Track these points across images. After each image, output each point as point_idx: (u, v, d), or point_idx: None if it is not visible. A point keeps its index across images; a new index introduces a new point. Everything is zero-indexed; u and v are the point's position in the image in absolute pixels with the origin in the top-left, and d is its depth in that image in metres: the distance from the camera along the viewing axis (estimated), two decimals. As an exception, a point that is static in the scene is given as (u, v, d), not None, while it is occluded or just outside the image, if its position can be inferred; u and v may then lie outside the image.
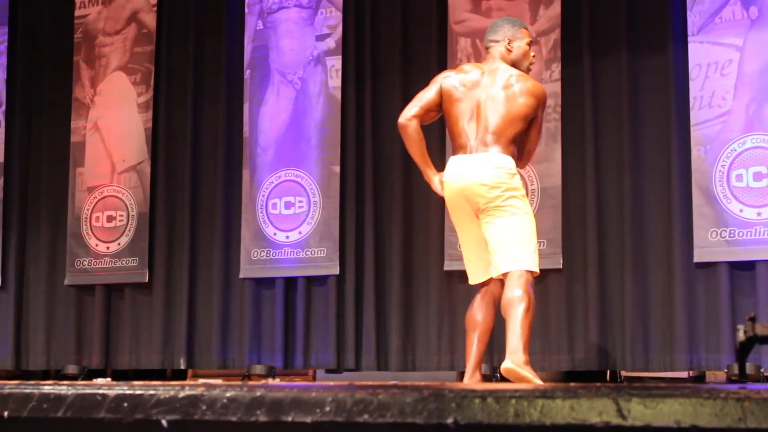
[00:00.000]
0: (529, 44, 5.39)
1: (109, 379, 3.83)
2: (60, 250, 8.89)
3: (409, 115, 5.31)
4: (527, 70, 5.35)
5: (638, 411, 1.46)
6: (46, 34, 9.28)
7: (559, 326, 7.29)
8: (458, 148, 5.08)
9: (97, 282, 8.68)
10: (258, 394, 1.65)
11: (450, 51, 7.79)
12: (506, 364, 4.55)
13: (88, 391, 1.77)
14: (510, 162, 4.94)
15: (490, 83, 5.07)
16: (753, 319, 1.93)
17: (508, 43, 5.25)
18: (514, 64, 5.24)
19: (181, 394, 1.71)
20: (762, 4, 7.04)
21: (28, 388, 1.82)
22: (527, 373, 4.52)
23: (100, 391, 1.77)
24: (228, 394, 1.67)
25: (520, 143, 5.18)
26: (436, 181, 5.26)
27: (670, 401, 1.45)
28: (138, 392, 1.75)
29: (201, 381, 3.55)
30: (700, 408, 1.43)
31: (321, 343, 7.96)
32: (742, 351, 1.88)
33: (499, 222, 4.87)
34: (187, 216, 8.50)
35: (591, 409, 1.47)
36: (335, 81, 8.16)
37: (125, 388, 1.74)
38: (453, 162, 5.05)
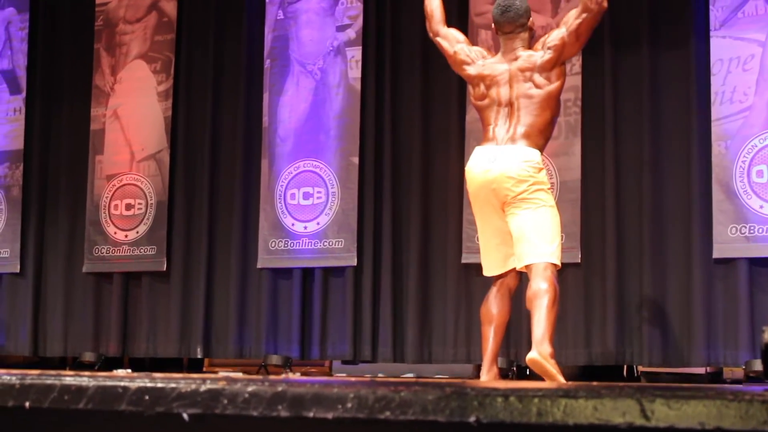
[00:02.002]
0: None
1: (129, 371, 3.85)
2: (78, 237, 8.92)
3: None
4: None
5: (662, 412, 1.45)
6: (67, 21, 9.30)
7: (576, 321, 7.28)
8: (486, 138, 5.04)
9: (115, 270, 8.71)
10: (279, 389, 1.64)
11: (471, 43, 7.75)
12: (532, 355, 4.54)
13: (109, 383, 1.77)
14: (537, 155, 4.92)
15: (519, 76, 5.00)
16: (778, 321, 1.92)
17: (531, 22, 5.16)
18: (531, 38, 5.17)
19: (203, 388, 1.71)
20: (785, 0, 7.00)
21: (50, 378, 1.83)
22: (551, 367, 4.51)
23: (122, 384, 1.77)
24: (249, 389, 1.67)
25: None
26: None
27: (694, 403, 1.44)
28: (159, 385, 1.75)
29: (222, 374, 3.55)
30: (725, 410, 1.42)
31: (337, 334, 7.97)
32: (767, 353, 1.87)
33: (525, 214, 4.85)
34: (205, 205, 8.51)
35: (614, 409, 1.46)
36: (355, 72, 8.15)
37: (146, 380, 1.74)
38: (479, 152, 5.02)
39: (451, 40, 5.27)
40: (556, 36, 4.97)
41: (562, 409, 1.48)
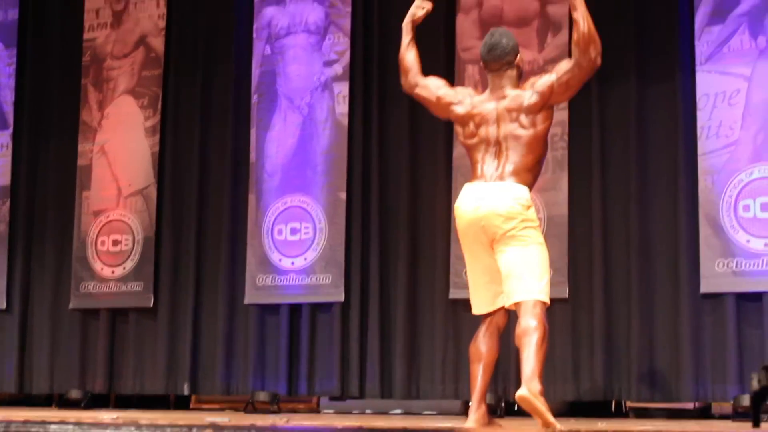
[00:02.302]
0: None
1: (115, 415, 3.78)
2: (65, 273, 8.88)
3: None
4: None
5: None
6: (55, 56, 9.30)
7: (564, 356, 7.26)
8: (475, 175, 5.03)
9: (101, 306, 8.67)
10: (266, 438, 1.63)
11: (457, 78, 7.78)
12: (522, 392, 4.51)
13: (94, 431, 1.75)
14: (526, 193, 4.90)
15: (505, 116, 4.99)
16: (767, 368, 1.90)
17: (520, 61, 5.13)
18: (519, 77, 5.15)
19: (188, 437, 1.69)
20: (770, 34, 7.03)
21: (34, 427, 1.81)
22: (541, 404, 4.48)
23: (107, 432, 1.75)
24: (236, 438, 1.65)
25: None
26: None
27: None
28: (144, 433, 1.73)
29: (208, 420, 3.51)
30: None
31: (325, 370, 7.93)
32: (756, 400, 1.85)
33: (513, 251, 4.83)
34: (192, 241, 8.49)
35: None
36: (342, 107, 8.16)
37: (132, 428, 1.73)
38: (468, 189, 5.01)
39: (431, 87, 5.25)
40: (545, 81, 4.96)
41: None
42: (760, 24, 7.06)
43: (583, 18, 4.90)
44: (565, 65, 4.97)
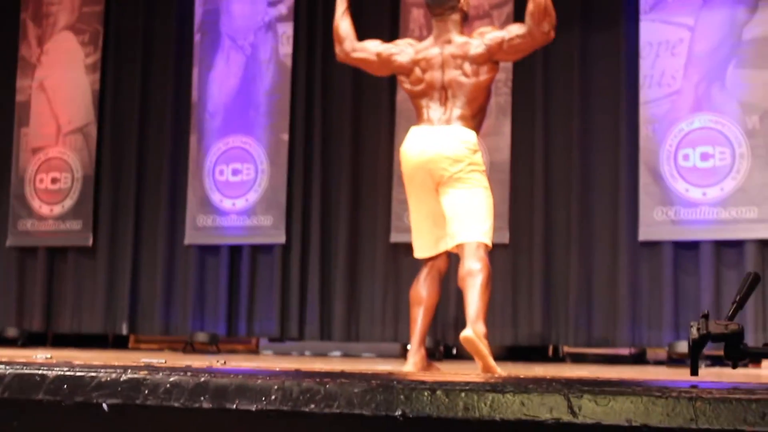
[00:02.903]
0: None
1: (48, 355, 3.76)
2: (2, 211, 8.78)
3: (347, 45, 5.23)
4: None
5: (589, 408, 1.44)
6: (-8, -10, 9.12)
7: (503, 301, 7.31)
8: (421, 120, 5.02)
9: (39, 244, 8.59)
10: (202, 380, 1.61)
11: (402, 20, 7.75)
12: (467, 333, 4.52)
13: (26, 371, 1.73)
14: (474, 137, 4.90)
15: (450, 62, 4.97)
16: (706, 317, 1.92)
17: (464, 4, 5.10)
18: (463, 20, 5.12)
19: (123, 378, 1.67)
20: (714, -16, 7.05)
21: (-35, 366, 1.78)
22: (484, 347, 4.50)
23: (40, 372, 1.73)
24: (171, 379, 1.64)
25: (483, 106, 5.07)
26: None
27: (621, 399, 1.44)
28: (78, 374, 1.71)
29: (143, 360, 3.49)
30: (651, 407, 1.42)
31: (265, 311, 7.93)
32: (695, 348, 1.87)
33: (459, 193, 4.83)
34: (132, 180, 8.42)
35: (542, 405, 1.45)
36: (286, 48, 8.09)
37: (65, 368, 1.70)
38: (415, 133, 4.99)
39: (368, 47, 5.23)
40: (495, 36, 4.94)
41: (488, 404, 1.46)
42: (704, -26, 7.08)
43: None
44: (518, 29, 4.96)
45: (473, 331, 4.55)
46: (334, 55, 7.87)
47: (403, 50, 5.15)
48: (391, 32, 7.60)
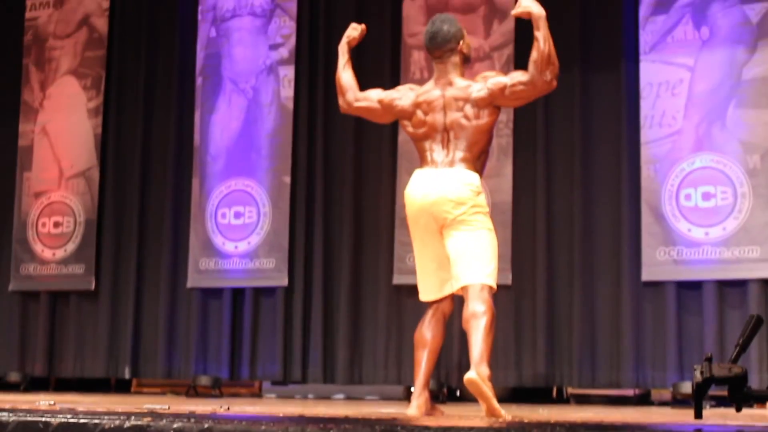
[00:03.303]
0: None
1: (51, 402, 3.74)
2: (5, 255, 8.79)
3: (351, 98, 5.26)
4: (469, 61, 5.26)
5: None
6: (-5, 35, 9.17)
7: (506, 342, 7.30)
8: (424, 163, 5.04)
9: (42, 288, 8.59)
10: (206, 426, 1.61)
11: (403, 63, 7.79)
12: (471, 375, 4.51)
13: (30, 418, 1.72)
14: (477, 179, 4.92)
15: (452, 105, 5.00)
16: (710, 360, 1.91)
17: (464, 47, 5.14)
18: (464, 62, 5.16)
19: (127, 425, 1.67)
20: (713, 25, 7.08)
21: (-31, 414, 1.77)
22: (488, 390, 4.49)
23: (43, 419, 1.72)
24: (175, 426, 1.64)
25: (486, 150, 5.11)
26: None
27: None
28: (82, 421, 1.70)
29: (146, 406, 3.48)
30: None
31: (268, 354, 7.91)
32: (699, 392, 1.86)
33: (462, 235, 4.84)
34: (135, 224, 8.43)
35: (545, 450, 1.45)
36: (288, 91, 8.12)
37: (69, 416, 1.70)
38: (419, 175, 5.01)
39: (370, 96, 5.27)
40: (498, 81, 4.97)
41: (492, 449, 1.46)
42: (703, 15, 7.12)
43: (544, 39, 4.90)
44: (520, 76, 4.98)
45: (477, 374, 4.53)
46: (335, 97, 7.95)
47: (404, 95, 5.18)
48: (391, 75, 7.65)
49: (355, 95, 5.27)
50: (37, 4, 9.03)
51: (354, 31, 5.38)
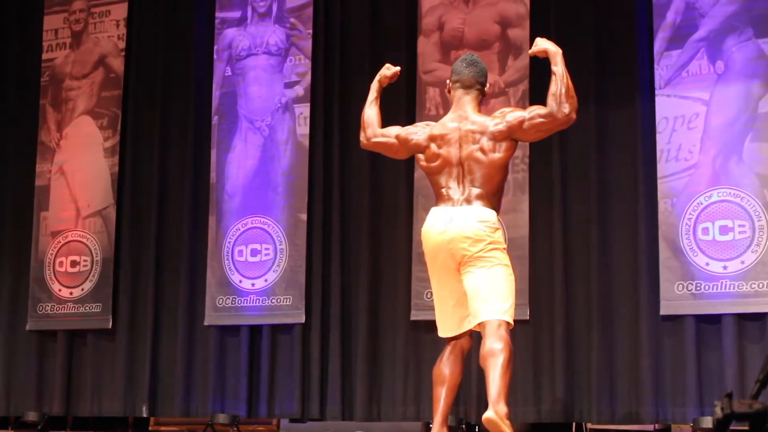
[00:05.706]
0: None
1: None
2: (22, 294, 8.79)
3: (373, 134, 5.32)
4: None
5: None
6: (13, 76, 9.23)
7: (525, 378, 7.27)
8: (441, 200, 5.06)
9: (59, 327, 8.59)
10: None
11: (419, 100, 7.80)
12: (489, 414, 4.51)
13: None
14: (494, 216, 4.94)
15: (468, 138, 5.03)
16: (730, 396, 1.90)
17: (488, 87, 5.25)
18: (480, 102, 5.22)
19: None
20: (728, 59, 7.09)
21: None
22: (507, 428, 4.49)
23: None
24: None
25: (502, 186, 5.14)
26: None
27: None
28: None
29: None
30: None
31: (285, 391, 7.89)
32: (719, 428, 1.85)
33: (480, 272, 4.85)
34: (152, 262, 8.44)
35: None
36: (303, 128, 8.15)
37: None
38: (436, 213, 5.02)
39: (387, 133, 5.33)
40: (517, 115, 5.00)
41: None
42: (717, 49, 7.12)
43: (561, 74, 4.94)
44: (540, 110, 5.01)
45: (495, 412, 4.53)
46: (350, 133, 8.00)
47: (420, 129, 5.23)
48: (407, 111, 7.67)
49: (374, 131, 5.32)
50: (54, 45, 9.09)
51: (387, 70, 5.44)
